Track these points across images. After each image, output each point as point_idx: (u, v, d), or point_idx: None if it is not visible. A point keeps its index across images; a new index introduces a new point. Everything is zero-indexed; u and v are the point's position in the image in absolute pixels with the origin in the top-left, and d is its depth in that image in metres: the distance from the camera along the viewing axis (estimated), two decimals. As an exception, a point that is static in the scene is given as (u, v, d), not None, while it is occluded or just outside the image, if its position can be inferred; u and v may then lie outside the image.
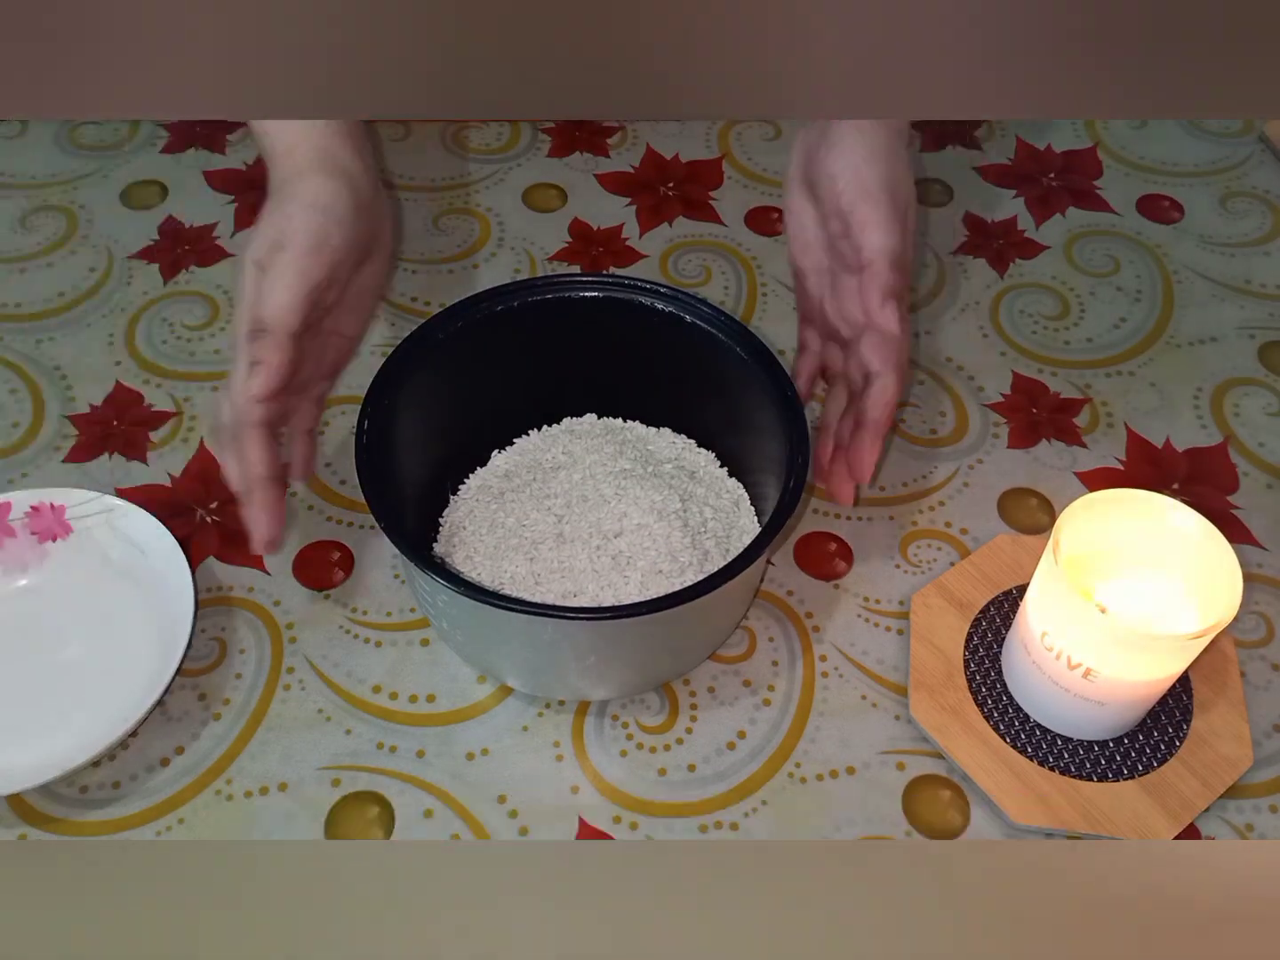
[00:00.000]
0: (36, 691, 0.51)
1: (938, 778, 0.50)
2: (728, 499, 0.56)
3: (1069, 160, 0.76)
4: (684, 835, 0.48)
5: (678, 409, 0.58)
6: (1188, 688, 0.51)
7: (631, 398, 0.58)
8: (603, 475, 0.54)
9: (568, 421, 0.59)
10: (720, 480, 0.56)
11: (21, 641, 0.52)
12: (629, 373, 0.57)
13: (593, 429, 0.58)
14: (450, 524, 0.55)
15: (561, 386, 0.58)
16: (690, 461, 0.57)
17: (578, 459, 0.55)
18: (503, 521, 0.53)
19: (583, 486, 0.53)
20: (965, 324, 0.67)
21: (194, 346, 0.65)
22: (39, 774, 0.46)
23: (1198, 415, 0.63)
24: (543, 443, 0.58)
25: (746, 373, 0.52)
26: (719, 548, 0.52)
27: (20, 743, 0.49)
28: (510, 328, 0.54)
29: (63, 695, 0.51)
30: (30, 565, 0.54)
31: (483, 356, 0.54)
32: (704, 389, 0.55)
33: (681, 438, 0.58)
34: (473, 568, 0.52)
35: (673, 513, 0.52)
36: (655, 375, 0.56)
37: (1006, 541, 0.56)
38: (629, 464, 0.54)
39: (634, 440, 0.57)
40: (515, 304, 0.53)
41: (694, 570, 0.51)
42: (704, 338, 0.53)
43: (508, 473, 0.56)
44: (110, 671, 0.51)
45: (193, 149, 0.76)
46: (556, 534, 0.52)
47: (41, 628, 0.53)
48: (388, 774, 0.50)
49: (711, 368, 0.54)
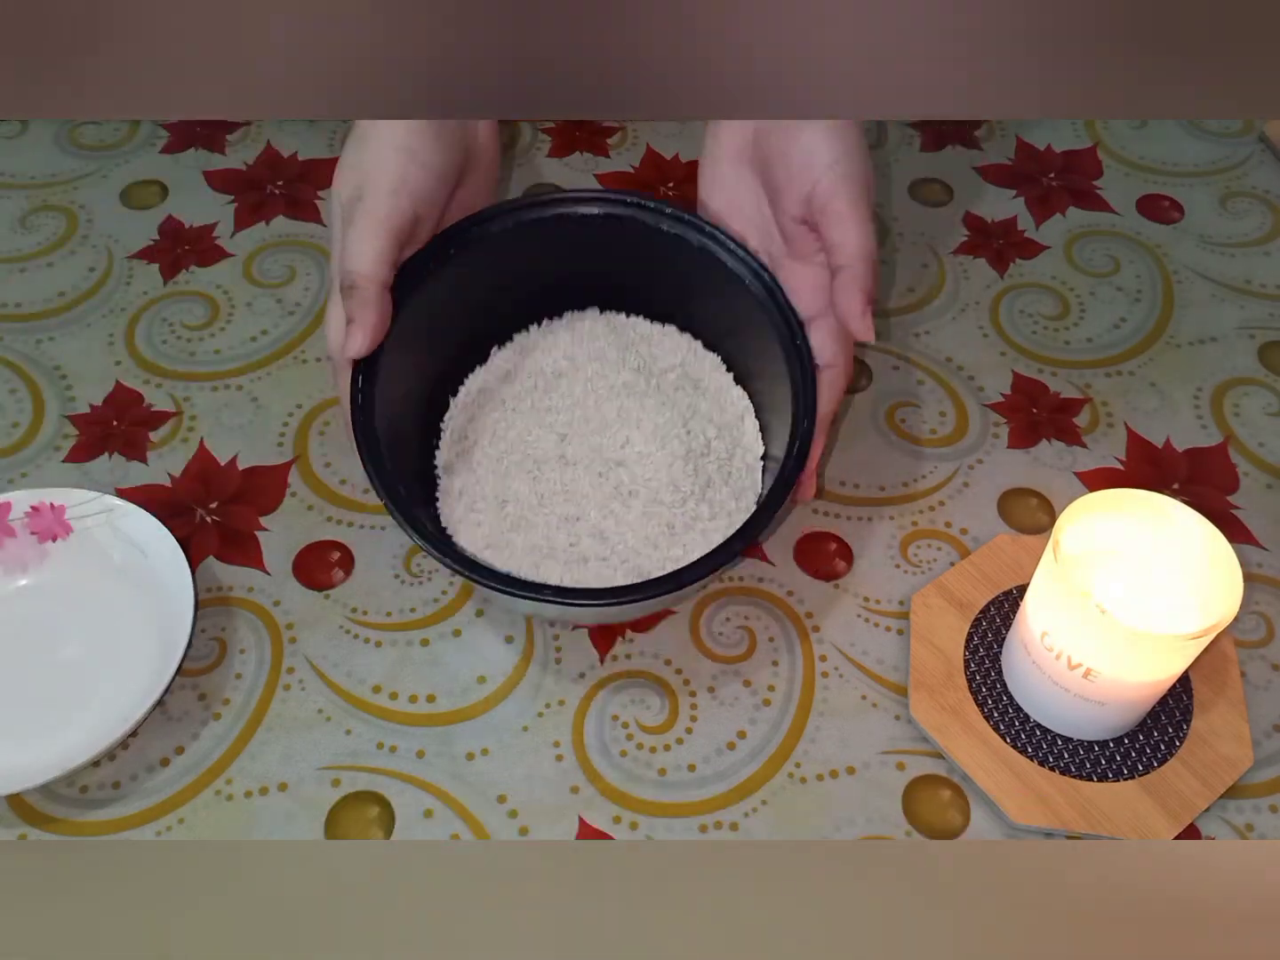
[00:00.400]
0: (36, 691, 0.51)
1: (938, 778, 0.50)
2: (732, 413, 0.55)
3: (1069, 160, 0.76)
4: (684, 835, 0.48)
5: (684, 310, 0.57)
6: (1188, 688, 0.51)
7: (635, 295, 0.57)
8: (605, 391, 0.53)
9: (570, 316, 0.57)
10: (725, 390, 0.56)
11: (21, 641, 0.52)
12: (633, 278, 0.56)
13: (595, 327, 0.57)
14: (452, 431, 0.55)
15: (563, 291, 0.57)
16: (695, 367, 0.56)
17: (579, 366, 0.54)
18: (504, 434, 0.53)
19: (584, 403, 0.53)
20: (965, 324, 0.67)
21: (194, 346, 0.65)
22: (39, 774, 0.46)
23: (1198, 415, 0.63)
24: (543, 340, 0.56)
25: (755, 305, 0.51)
26: (720, 472, 0.52)
27: (20, 743, 0.49)
28: (507, 246, 0.53)
29: (63, 695, 0.51)
30: (30, 565, 0.54)
31: (483, 269, 0.53)
32: (709, 299, 0.54)
33: (687, 337, 0.57)
34: (476, 481, 0.52)
35: (675, 438, 0.52)
36: (659, 280, 0.55)
37: (1006, 541, 0.56)
38: (631, 375, 0.54)
39: (637, 340, 0.56)
40: (511, 225, 0.52)
41: (694, 500, 0.51)
42: (709, 261, 0.52)
43: (508, 374, 0.55)
44: (110, 671, 0.51)
45: (193, 149, 0.76)
46: (559, 455, 0.52)
47: (41, 628, 0.53)
48: (388, 774, 0.50)
49: (718, 288, 0.53)
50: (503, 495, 0.52)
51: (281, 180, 0.74)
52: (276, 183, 0.74)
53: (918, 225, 0.72)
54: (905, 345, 0.65)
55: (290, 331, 0.65)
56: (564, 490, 0.51)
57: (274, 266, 0.69)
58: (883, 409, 0.62)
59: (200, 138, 0.76)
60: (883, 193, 0.73)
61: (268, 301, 0.67)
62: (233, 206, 0.72)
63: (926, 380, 0.64)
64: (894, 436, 0.61)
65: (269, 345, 0.65)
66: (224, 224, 0.71)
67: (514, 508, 0.51)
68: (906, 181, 0.74)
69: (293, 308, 0.67)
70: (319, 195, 0.73)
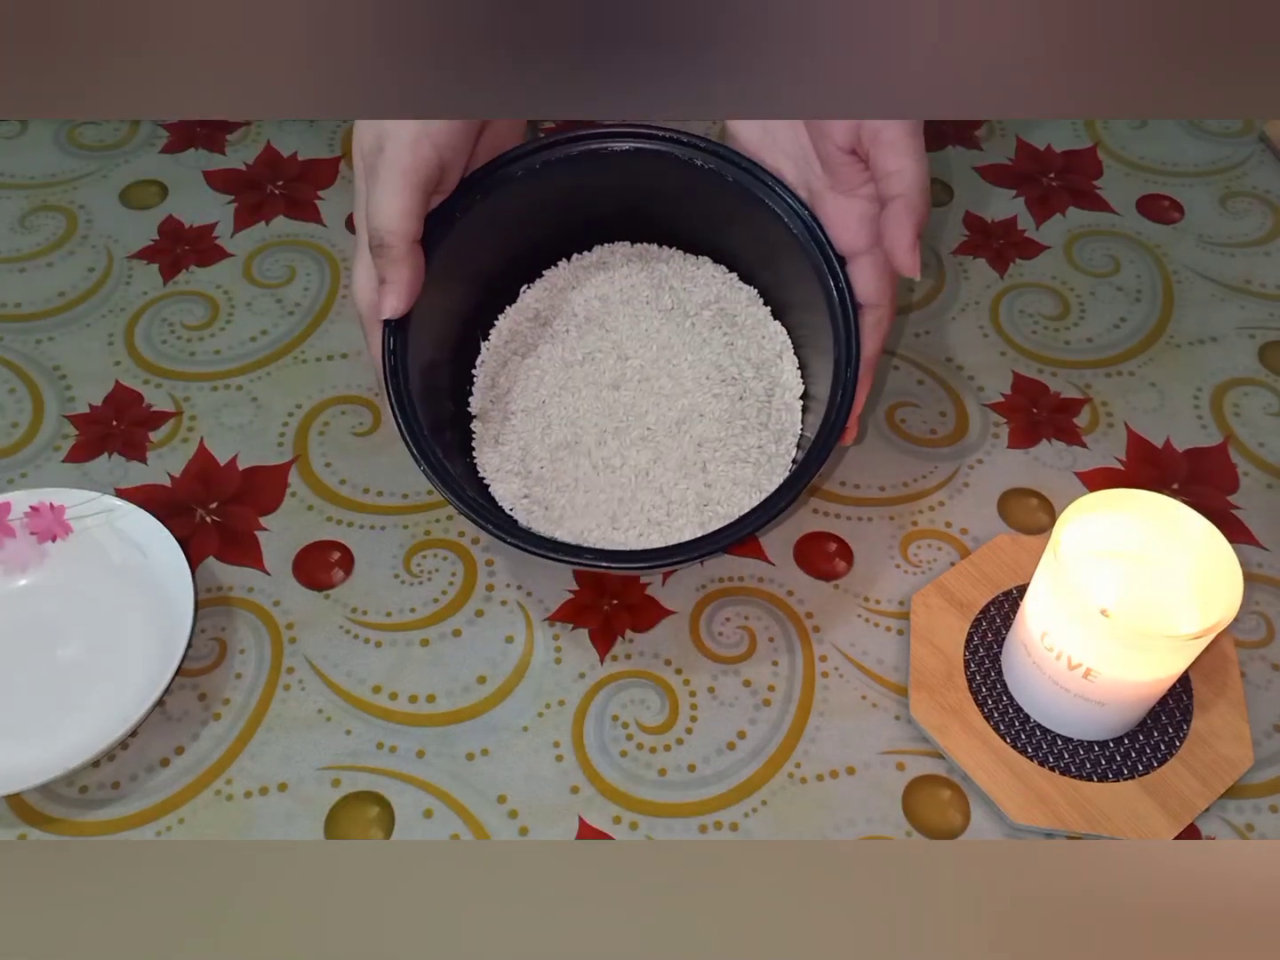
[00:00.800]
0: (36, 691, 0.51)
1: (938, 778, 0.50)
2: (770, 350, 0.54)
3: (1069, 160, 0.76)
4: (684, 835, 0.48)
5: (719, 245, 0.55)
6: (1188, 688, 0.51)
7: (669, 232, 0.56)
8: (639, 336, 0.53)
9: (600, 250, 0.56)
10: (763, 324, 0.55)
11: (21, 641, 0.52)
12: (665, 213, 0.54)
13: (627, 262, 0.55)
14: (485, 376, 0.54)
15: (594, 228, 0.55)
16: (731, 301, 0.55)
17: (611, 308, 0.53)
18: (537, 384, 0.53)
19: (618, 348, 0.53)
20: (965, 324, 0.67)
21: (194, 346, 0.65)
22: (39, 774, 0.46)
23: (1198, 415, 0.63)
24: (574, 277, 0.55)
25: (794, 243, 0.50)
26: (760, 415, 0.53)
27: (20, 743, 0.49)
28: (535, 186, 0.51)
29: (63, 695, 0.51)
30: (30, 565, 0.54)
31: (510, 206, 0.52)
32: (746, 235, 0.53)
33: (721, 269, 0.56)
34: (511, 430, 0.52)
35: (712, 380, 0.52)
36: (693, 215, 0.54)
37: (1006, 541, 0.56)
38: (663, 317, 0.53)
39: (670, 275, 0.55)
40: (538, 165, 0.51)
41: (735, 442, 0.51)
42: (746, 197, 0.51)
43: (538, 314, 0.55)
44: (110, 671, 0.51)
45: (193, 149, 0.76)
46: (594, 402, 0.52)
47: (41, 628, 0.53)
48: (388, 774, 0.50)
49: (755, 225, 0.52)
50: (537, 444, 0.51)
51: (281, 180, 0.74)
52: (276, 183, 0.74)
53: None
54: (905, 345, 0.65)
55: (290, 331, 0.65)
56: (599, 439, 0.51)
57: (274, 266, 0.69)
58: (883, 409, 0.62)
59: (200, 138, 0.76)
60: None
61: (268, 301, 0.67)
62: (233, 206, 0.72)
63: (926, 380, 0.64)
64: (894, 436, 0.61)
65: (269, 345, 0.65)
66: (224, 224, 0.71)
67: (548, 458, 0.51)
68: (906, 181, 0.74)
69: (293, 308, 0.67)
70: (319, 195, 0.73)
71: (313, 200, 0.73)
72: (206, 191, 0.73)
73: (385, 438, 0.61)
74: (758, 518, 0.46)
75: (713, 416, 0.51)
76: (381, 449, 0.60)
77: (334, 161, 0.75)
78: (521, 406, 0.53)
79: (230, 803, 0.49)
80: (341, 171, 0.74)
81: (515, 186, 0.51)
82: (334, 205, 0.72)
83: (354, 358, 0.64)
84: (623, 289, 0.55)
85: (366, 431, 0.61)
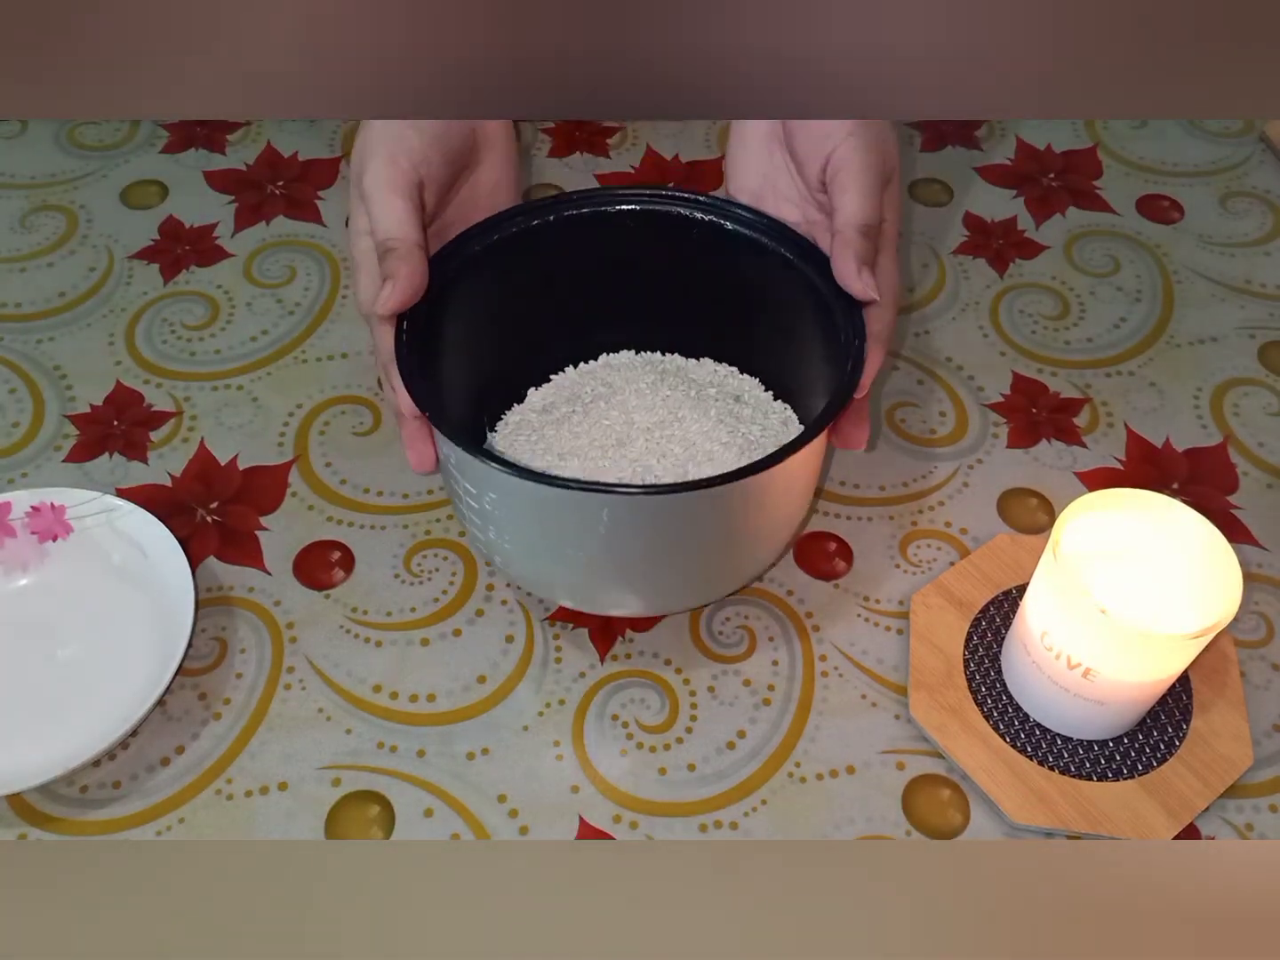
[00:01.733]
0: (36, 691, 0.51)
1: (938, 777, 0.50)
2: (775, 419, 0.55)
3: (1069, 160, 0.76)
4: (684, 835, 0.48)
5: (719, 335, 0.56)
6: (1188, 688, 0.51)
7: (669, 324, 0.57)
8: (644, 408, 0.53)
9: (605, 358, 0.58)
10: (766, 402, 0.56)
11: (21, 641, 0.52)
12: (667, 294, 0.55)
13: (631, 363, 0.57)
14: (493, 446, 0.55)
15: (597, 311, 0.56)
16: (734, 387, 0.56)
17: (616, 389, 0.55)
18: (543, 455, 0.53)
19: (628, 415, 0.53)
20: (965, 324, 0.67)
21: (194, 346, 0.65)
22: (39, 774, 0.46)
23: (1198, 415, 0.63)
24: (580, 379, 0.57)
25: (793, 275, 0.50)
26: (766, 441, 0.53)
27: (20, 743, 0.49)
28: (545, 246, 0.52)
29: (63, 695, 0.51)
30: (30, 565, 0.54)
31: (516, 276, 0.53)
32: (747, 305, 0.54)
33: (724, 366, 0.57)
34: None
35: (718, 433, 0.52)
36: (695, 295, 0.55)
37: (1006, 541, 0.56)
38: (670, 390, 0.54)
39: (674, 370, 0.56)
40: (551, 218, 0.52)
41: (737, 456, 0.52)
42: (746, 244, 0.51)
43: (545, 407, 0.56)
44: (110, 671, 0.51)
45: (193, 149, 0.76)
46: (601, 459, 0.52)
47: (41, 628, 0.53)
48: (388, 773, 0.50)
49: (755, 277, 0.52)
50: None
51: (281, 180, 0.74)
52: (276, 183, 0.74)
53: (918, 225, 0.72)
54: (905, 345, 0.65)
55: (290, 331, 0.66)
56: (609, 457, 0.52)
57: (274, 266, 0.69)
58: (883, 409, 0.62)
59: (200, 138, 0.76)
60: (883, 193, 0.73)
61: (268, 301, 0.67)
62: (233, 206, 0.72)
63: (926, 380, 0.64)
64: (894, 436, 0.61)
65: (269, 345, 0.65)
66: (224, 224, 0.71)
67: None
68: (906, 181, 0.74)
69: (293, 308, 0.67)
70: (319, 195, 0.73)
71: (313, 200, 0.73)
72: (207, 191, 0.73)
73: (385, 437, 0.61)
74: (794, 445, 0.44)
75: (721, 460, 0.51)
76: (382, 449, 0.60)
77: (334, 161, 0.75)
78: (529, 464, 0.53)
79: (230, 802, 0.49)
80: (341, 171, 0.74)
81: (528, 238, 0.52)
82: (334, 205, 0.72)
83: (354, 358, 0.64)
84: (628, 377, 0.56)
85: (367, 431, 0.61)
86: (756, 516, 0.47)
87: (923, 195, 0.73)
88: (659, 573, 0.48)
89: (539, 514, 0.46)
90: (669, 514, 0.44)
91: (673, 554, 0.47)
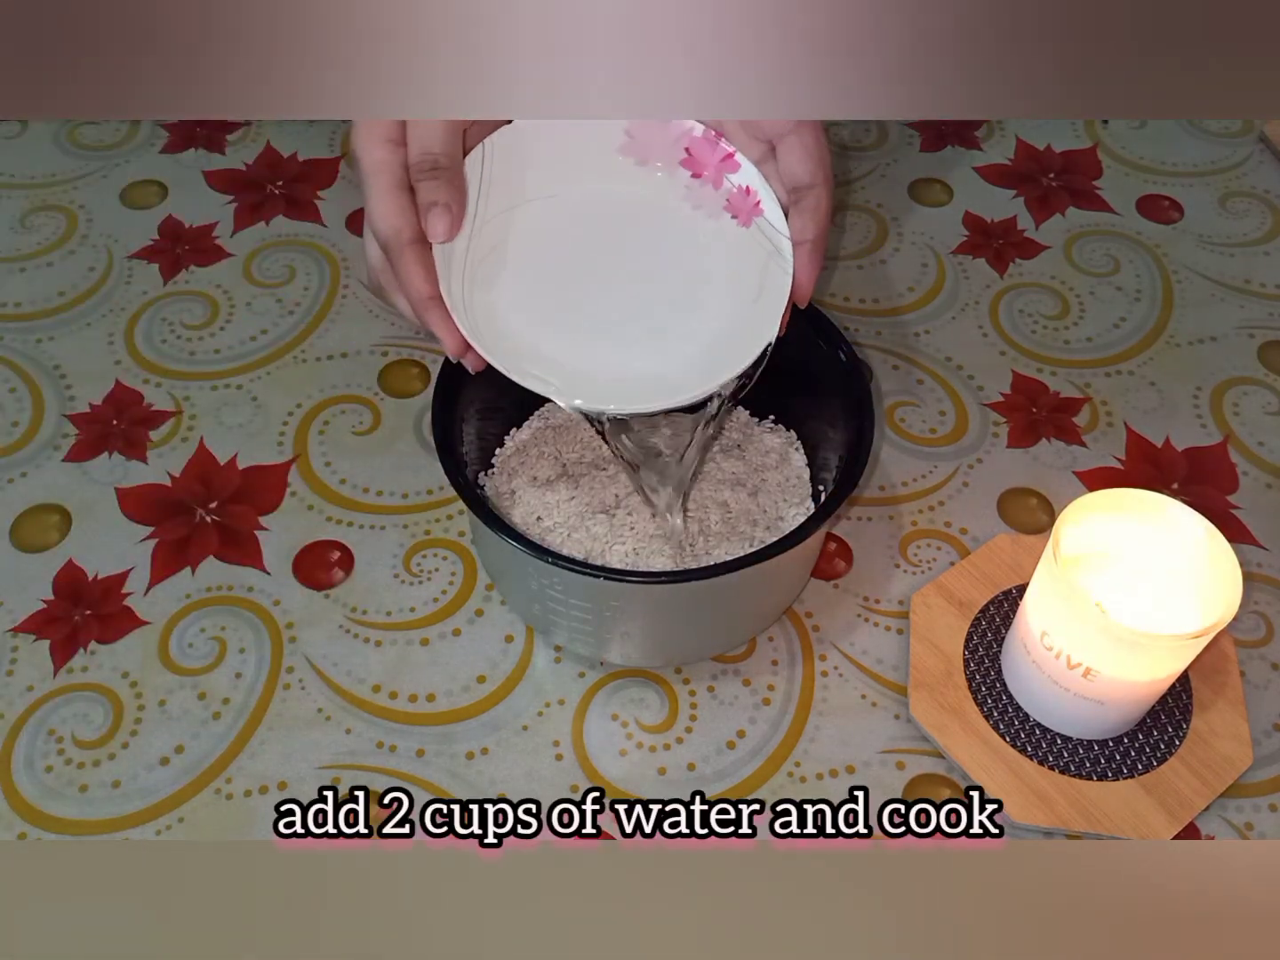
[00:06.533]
0: (631, 304, 0.45)
1: (938, 777, 0.50)
2: (774, 443, 0.57)
3: (1069, 160, 0.76)
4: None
5: None
6: (1188, 687, 0.51)
7: None
8: None
9: None
10: (759, 437, 0.58)
11: (638, 251, 0.46)
12: None
13: None
14: (501, 463, 0.57)
15: None
16: (729, 427, 0.58)
17: None
18: (551, 509, 0.54)
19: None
20: (965, 324, 0.67)
21: (194, 346, 0.65)
22: (607, 397, 0.41)
23: (1197, 415, 0.63)
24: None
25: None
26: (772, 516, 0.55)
27: (612, 353, 0.44)
28: None
29: (671, 316, 0.45)
30: None
31: None
32: None
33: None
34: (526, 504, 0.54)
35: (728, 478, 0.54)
36: None
37: (1006, 541, 0.56)
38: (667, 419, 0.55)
39: (665, 423, 0.57)
40: None
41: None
42: None
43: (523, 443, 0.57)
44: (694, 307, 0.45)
45: (193, 149, 0.76)
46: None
47: (633, 248, 0.46)
48: (388, 773, 0.50)
49: None
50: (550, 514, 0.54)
51: (281, 180, 0.74)
52: (276, 183, 0.74)
53: (918, 225, 0.72)
54: (905, 345, 0.65)
55: (290, 331, 0.66)
56: (616, 503, 0.54)
57: (274, 266, 0.69)
58: (883, 409, 0.62)
59: (200, 138, 0.76)
60: (883, 192, 0.73)
61: (267, 301, 0.67)
62: (233, 206, 0.72)
63: (926, 380, 0.64)
64: (894, 436, 0.61)
65: (269, 345, 0.65)
66: (224, 224, 0.71)
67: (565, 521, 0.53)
68: (906, 181, 0.74)
69: (292, 307, 0.67)
70: (319, 195, 0.73)
71: (313, 200, 0.73)
72: (206, 191, 0.73)
73: (385, 437, 0.61)
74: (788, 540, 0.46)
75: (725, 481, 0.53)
76: (381, 448, 0.60)
77: (334, 161, 0.75)
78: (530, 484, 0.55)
79: (230, 802, 0.49)
80: (341, 171, 0.74)
81: None
82: (334, 205, 0.72)
83: (354, 357, 0.64)
84: None
85: (366, 431, 0.61)
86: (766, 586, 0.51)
87: (923, 195, 0.73)
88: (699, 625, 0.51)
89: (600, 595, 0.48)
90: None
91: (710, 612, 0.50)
